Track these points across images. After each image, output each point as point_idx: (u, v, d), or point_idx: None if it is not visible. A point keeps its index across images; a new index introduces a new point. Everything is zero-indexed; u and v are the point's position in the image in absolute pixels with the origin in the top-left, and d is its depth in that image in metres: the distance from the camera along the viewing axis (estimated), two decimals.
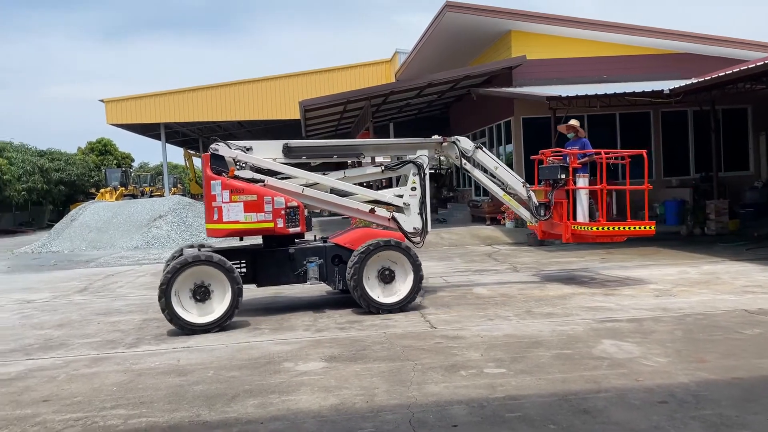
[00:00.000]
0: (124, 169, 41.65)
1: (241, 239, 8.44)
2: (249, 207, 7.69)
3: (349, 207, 8.53)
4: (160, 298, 6.97)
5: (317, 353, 5.98)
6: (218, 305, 7.17)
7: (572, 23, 17.83)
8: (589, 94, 13.60)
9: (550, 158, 9.64)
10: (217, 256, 7.19)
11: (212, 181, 7.72)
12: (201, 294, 7.14)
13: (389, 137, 23.02)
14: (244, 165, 8.11)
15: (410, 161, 8.60)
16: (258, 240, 8.33)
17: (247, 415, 4.44)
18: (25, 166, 30.22)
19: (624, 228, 8.95)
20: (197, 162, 37.26)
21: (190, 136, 35.11)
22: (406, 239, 8.26)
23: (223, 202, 7.68)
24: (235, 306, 7.18)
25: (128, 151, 55.52)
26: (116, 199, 31.34)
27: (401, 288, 7.79)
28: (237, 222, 7.69)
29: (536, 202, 9.18)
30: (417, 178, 8.53)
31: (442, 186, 28.55)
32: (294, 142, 8.54)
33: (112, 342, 6.85)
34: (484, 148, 9.08)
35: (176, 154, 64.03)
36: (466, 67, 19.62)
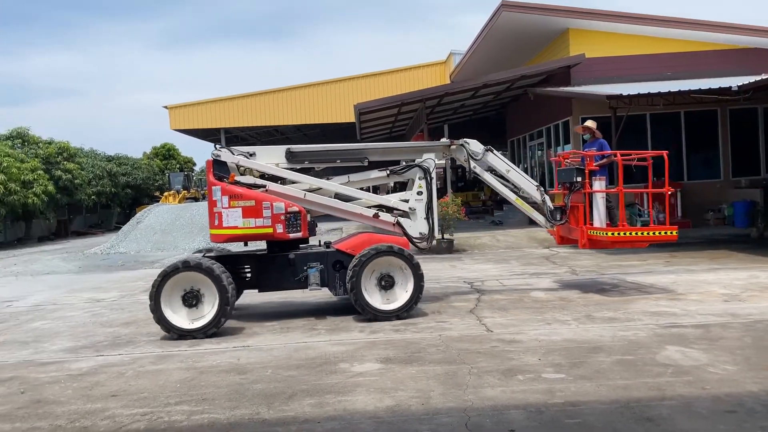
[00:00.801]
0: (186, 173, 42.99)
1: (246, 244, 8.49)
2: (247, 212, 7.73)
3: (353, 212, 8.43)
4: (150, 301, 7.12)
5: (372, 354, 6.01)
6: (209, 311, 7.19)
7: (633, 20, 17.30)
8: (651, 92, 13.16)
9: (568, 160, 9.31)
10: (207, 263, 7.18)
11: (213, 187, 7.83)
12: (191, 299, 7.21)
13: (444, 138, 22.95)
14: (246, 170, 8.23)
15: (416, 165, 8.45)
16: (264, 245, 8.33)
17: (305, 415, 4.51)
18: (95, 170, 31.63)
19: (643, 234, 8.58)
20: None
21: (249, 140, 35.90)
22: (411, 245, 8.19)
23: (222, 208, 7.75)
24: (222, 314, 7.11)
25: (190, 156, 57.27)
26: (179, 202, 32.37)
27: (401, 295, 7.65)
28: (236, 227, 7.75)
29: (551, 206, 8.85)
30: (423, 182, 8.39)
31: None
32: (296, 147, 8.56)
33: (176, 340, 7.08)
34: (495, 151, 8.80)
35: None
36: (523, 67, 19.33)
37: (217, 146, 8.24)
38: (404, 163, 8.67)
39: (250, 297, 9.08)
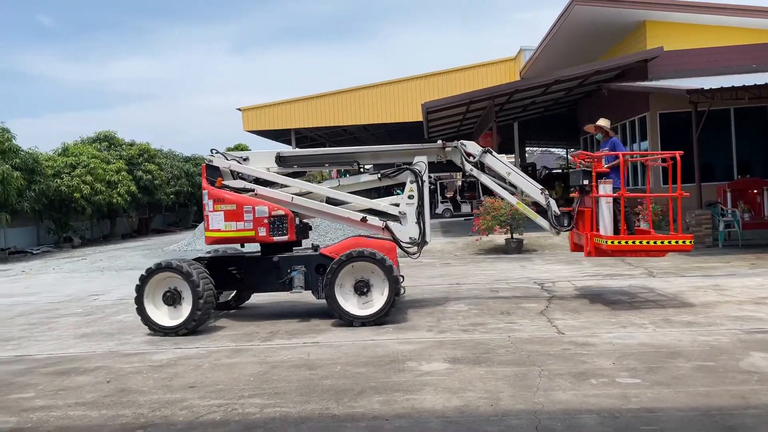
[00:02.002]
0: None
1: (243, 246, 8.66)
2: (229, 216, 7.96)
3: (341, 216, 8.37)
4: (135, 300, 7.50)
5: (440, 354, 6.00)
6: (186, 310, 7.42)
7: (714, 9, 16.44)
8: (735, 85, 12.47)
9: (582, 161, 8.53)
10: (180, 264, 7.43)
11: (204, 191, 8.15)
12: (171, 299, 7.49)
13: (514, 137, 22.59)
14: (238, 175, 8.39)
15: (407, 168, 8.23)
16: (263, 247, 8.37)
17: (373, 411, 4.56)
18: (173, 171, 33.00)
19: (651, 242, 7.61)
20: None
21: (318, 140, 36.52)
22: (399, 249, 8.04)
23: (209, 211, 8.05)
24: (194, 315, 7.33)
25: None
26: None
27: (378, 300, 7.46)
28: (218, 230, 8.02)
29: (557, 211, 8.31)
30: (415, 186, 8.15)
31: (570, 186, 27.55)
32: (286, 152, 8.68)
33: (249, 335, 7.31)
34: (494, 153, 8.41)
35: None
36: (596, 62, 18.75)
37: (213, 152, 8.55)
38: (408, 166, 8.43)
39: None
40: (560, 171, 40.15)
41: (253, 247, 8.43)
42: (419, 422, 4.31)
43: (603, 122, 8.94)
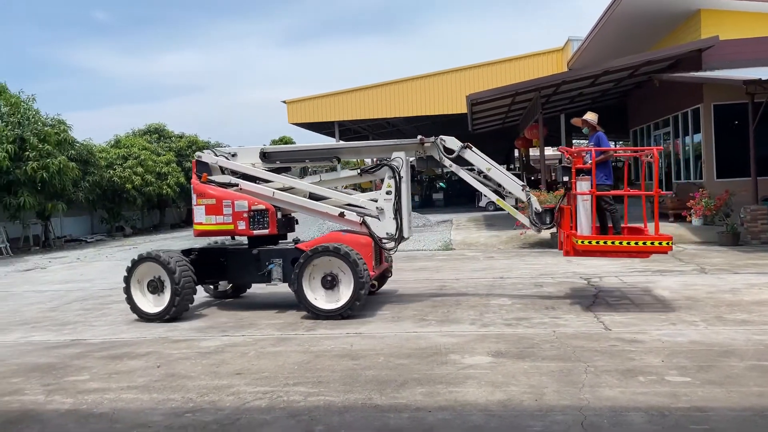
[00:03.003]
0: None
1: (233, 239, 9.00)
2: (209, 210, 8.30)
3: (319, 211, 8.48)
4: (123, 289, 7.98)
5: (483, 348, 5.96)
6: (167, 298, 7.82)
7: None
8: None
9: (569, 157, 8.18)
10: (158, 254, 7.84)
11: (192, 185, 8.60)
12: (155, 287, 7.91)
13: (560, 129, 22.16)
14: (227, 172, 8.67)
15: (386, 164, 8.25)
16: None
17: (416, 403, 4.57)
18: None
19: (625, 243, 7.31)
20: (367, 158, 38.76)
21: (362, 133, 36.62)
22: (376, 244, 8.11)
23: (194, 205, 8.43)
24: (173, 302, 7.72)
25: None
26: None
27: (345, 294, 7.52)
28: (200, 224, 8.37)
29: (538, 208, 8.14)
30: (392, 182, 8.16)
31: (618, 179, 26.90)
32: (269, 148, 8.97)
33: (293, 324, 7.42)
34: (473, 148, 8.27)
35: None
36: (648, 52, 18.21)
37: (205, 151, 8.97)
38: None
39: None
40: (613, 164, 39.18)
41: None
42: (462, 415, 4.31)
43: (590, 116, 8.70)
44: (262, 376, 5.39)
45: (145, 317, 7.95)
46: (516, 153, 38.61)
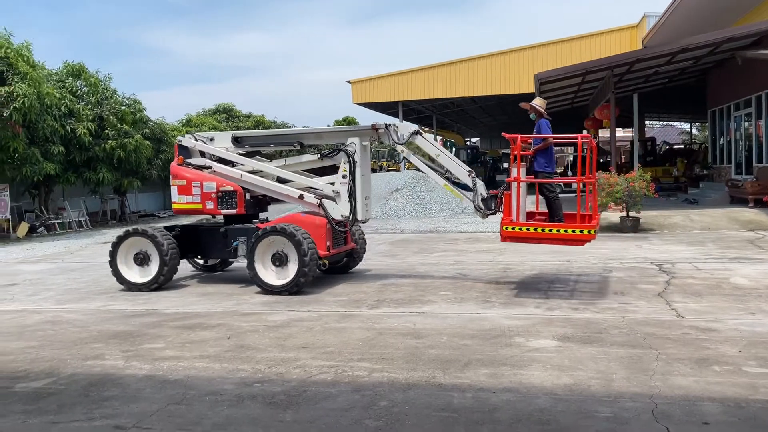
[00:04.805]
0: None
1: (213, 217, 9.69)
2: (181, 190, 9.02)
3: (281, 193, 8.96)
4: (109, 260, 8.71)
5: (549, 331, 5.87)
6: (154, 269, 8.58)
7: None
8: None
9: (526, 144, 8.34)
10: (146, 229, 8.66)
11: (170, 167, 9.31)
12: (141, 259, 8.68)
13: (633, 109, 21.29)
14: (207, 154, 9.24)
15: (342, 149, 8.65)
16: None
17: (479, 383, 4.56)
18: None
19: (548, 231, 7.52)
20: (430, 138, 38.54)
21: (425, 113, 36.39)
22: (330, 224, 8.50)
23: (171, 185, 9.14)
24: (162, 271, 8.50)
25: None
26: None
27: (292, 271, 7.98)
28: (175, 203, 9.12)
29: (484, 193, 8.20)
30: (347, 166, 8.54)
31: (693, 162, 25.72)
32: (240, 133, 9.66)
33: (357, 302, 7.51)
34: (424, 135, 8.57)
35: None
36: (730, 28, 17.20)
37: (186, 135, 9.58)
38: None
39: (431, 267, 9.32)
40: (683, 146, 37.54)
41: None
42: (527, 397, 4.26)
43: (537, 102, 8.59)
44: (327, 351, 5.50)
45: (131, 287, 8.65)
46: (585, 134, 37.47)
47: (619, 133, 26.98)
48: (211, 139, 9.52)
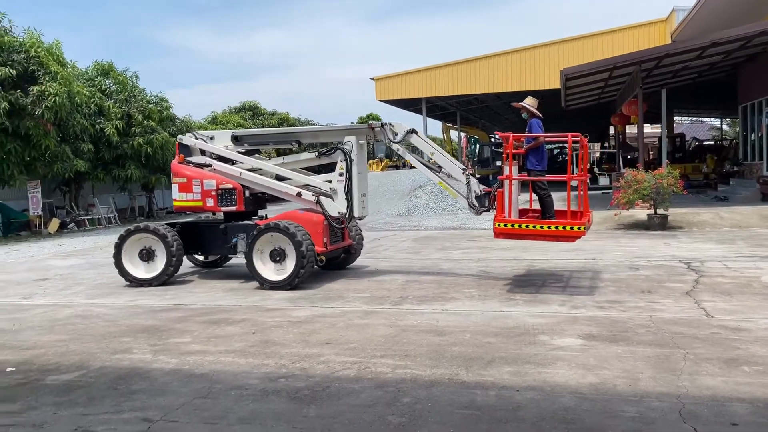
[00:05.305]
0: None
1: (214, 214, 9.81)
2: (182, 188, 9.14)
3: (280, 190, 9.10)
4: (113, 256, 8.83)
5: (574, 330, 5.82)
6: (161, 265, 8.72)
7: None
8: None
9: (518, 143, 8.38)
10: (155, 227, 8.80)
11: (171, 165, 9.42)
12: (146, 255, 8.83)
13: (661, 105, 20.93)
14: (207, 153, 9.37)
15: (338, 148, 8.77)
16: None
17: (503, 381, 4.54)
18: None
19: (538, 227, 7.59)
20: (454, 135, 38.44)
21: (449, 109, 36.22)
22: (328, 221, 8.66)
23: (172, 183, 9.26)
24: (169, 265, 8.67)
25: None
26: (381, 169, 33.97)
27: (290, 267, 8.13)
28: (176, 200, 9.25)
29: (478, 191, 8.29)
30: (344, 164, 8.68)
31: (724, 159, 25.21)
32: (239, 132, 9.81)
33: (380, 299, 7.53)
34: (419, 133, 8.60)
35: (435, 128, 67.16)
36: (762, 21, 16.80)
37: (187, 134, 9.71)
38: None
39: (454, 264, 9.27)
40: (712, 143, 36.82)
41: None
42: (551, 396, 4.23)
43: (528, 101, 8.56)
44: (350, 347, 5.52)
45: (136, 282, 8.80)
46: (611, 130, 36.98)
47: (647, 129, 26.54)
48: (212, 138, 9.70)
